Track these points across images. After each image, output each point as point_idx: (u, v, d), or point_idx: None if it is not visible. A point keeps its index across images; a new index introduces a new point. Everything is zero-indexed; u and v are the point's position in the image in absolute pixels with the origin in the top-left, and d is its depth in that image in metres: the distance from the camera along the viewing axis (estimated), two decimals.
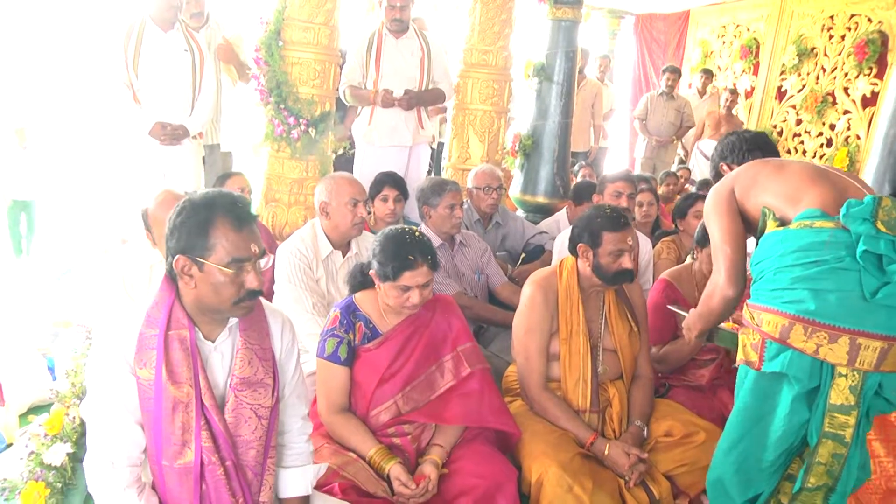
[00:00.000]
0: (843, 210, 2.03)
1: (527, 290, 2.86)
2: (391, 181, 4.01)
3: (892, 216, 1.99)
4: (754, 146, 2.66)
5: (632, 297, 2.96)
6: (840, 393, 2.04)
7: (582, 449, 2.62)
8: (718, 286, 2.35)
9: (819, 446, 2.11)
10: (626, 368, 2.89)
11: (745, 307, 2.25)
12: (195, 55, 4.39)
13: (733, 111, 8.42)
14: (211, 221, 1.73)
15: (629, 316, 2.91)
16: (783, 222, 2.21)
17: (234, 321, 1.89)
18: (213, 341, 1.86)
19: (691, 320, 2.56)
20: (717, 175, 2.75)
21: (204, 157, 5.00)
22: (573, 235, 2.86)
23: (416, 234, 2.44)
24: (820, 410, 2.09)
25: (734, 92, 8.49)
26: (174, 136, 4.34)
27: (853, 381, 2.03)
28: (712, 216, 2.40)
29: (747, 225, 2.40)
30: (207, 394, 1.79)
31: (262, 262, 1.81)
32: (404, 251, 2.37)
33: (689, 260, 3.48)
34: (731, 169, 2.59)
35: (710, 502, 2.40)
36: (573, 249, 2.86)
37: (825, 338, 2.01)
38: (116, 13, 4.51)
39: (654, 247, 4.35)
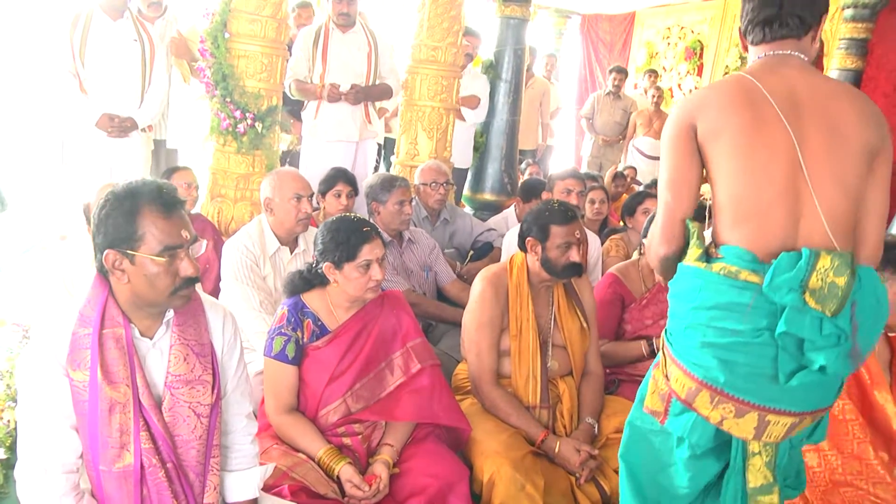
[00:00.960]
0: (768, 276, 1.65)
1: (477, 285, 2.86)
2: (343, 177, 3.98)
3: (827, 282, 1.65)
4: (767, 14, 1.84)
5: (581, 294, 2.97)
6: (757, 473, 1.82)
7: (533, 447, 2.62)
8: (652, 242, 1.93)
9: None
10: (575, 365, 2.90)
11: (661, 346, 1.92)
12: (146, 45, 4.30)
13: (661, 107, 8.52)
14: (137, 211, 1.66)
15: (578, 312, 2.92)
16: (707, 250, 1.82)
17: (170, 315, 1.82)
18: (151, 338, 1.80)
19: None
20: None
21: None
22: (522, 230, 2.87)
23: (352, 215, 2.49)
24: (739, 495, 1.85)
25: (659, 87, 8.60)
26: (122, 128, 4.24)
27: (767, 458, 1.82)
28: (664, 149, 1.90)
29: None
30: (146, 393, 1.73)
31: (195, 247, 1.76)
32: (355, 226, 2.39)
33: (635, 255, 3.52)
34: (744, 43, 1.94)
35: None
36: (522, 244, 2.86)
37: (731, 411, 1.74)
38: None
39: (602, 244, 4.39)
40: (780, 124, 1.73)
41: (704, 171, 1.86)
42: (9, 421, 2.77)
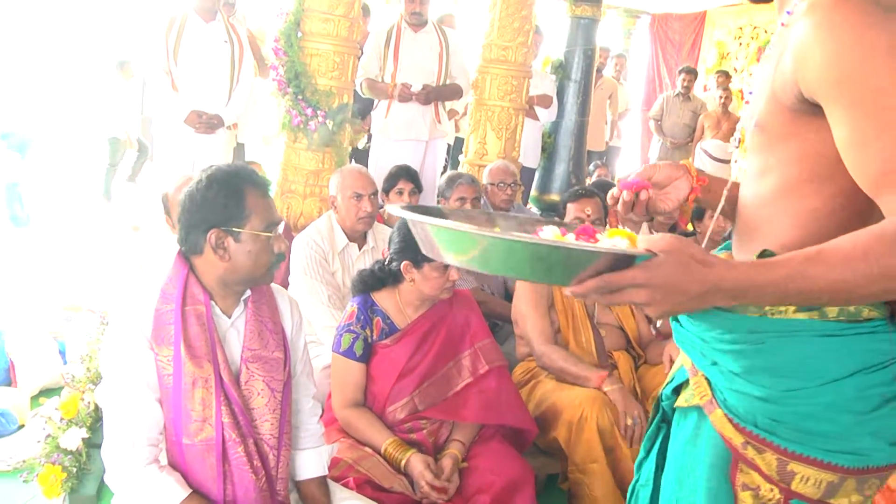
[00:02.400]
0: None
1: None
2: (406, 174, 4.01)
3: None
4: None
5: None
6: None
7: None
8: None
9: None
10: (633, 338, 3.02)
11: (729, 426, 1.28)
12: (235, 46, 4.50)
13: (729, 108, 8.33)
14: (244, 191, 1.77)
15: None
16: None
17: (247, 295, 1.90)
18: (230, 317, 1.87)
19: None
20: None
21: None
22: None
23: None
24: None
25: (727, 89, 8.41)
26: (209, 124, 4.42)
27: None
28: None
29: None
30: (225, 369, 1.79)
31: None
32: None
33: None
34: None
35: None
36: None
37: (876, 484, 1.26)
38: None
39: None
40: None
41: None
42: (89, 402, 2.87)
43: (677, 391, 1.41)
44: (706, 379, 1.31)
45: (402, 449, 2.34)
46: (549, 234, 1.16)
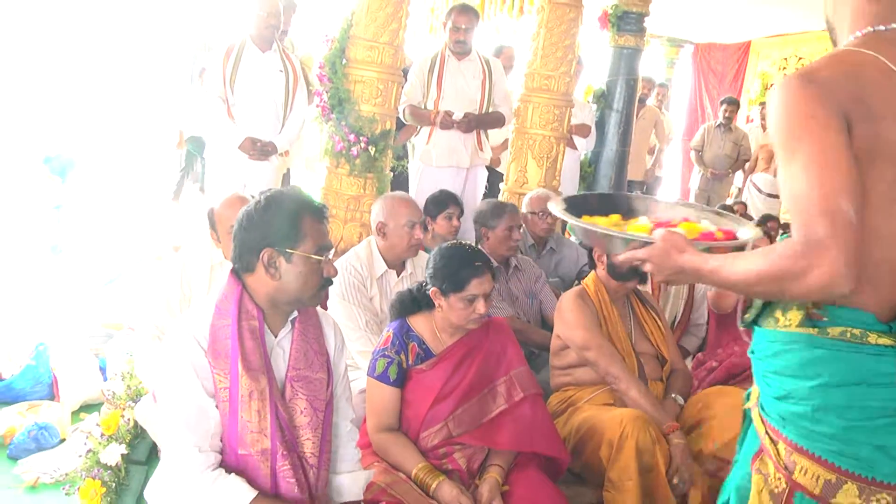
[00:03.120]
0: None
1: (565, 300, 3.03)
2: (454, 199, 4.04)
3: None
4: None
5: (652, 303, 3.18)
6: None
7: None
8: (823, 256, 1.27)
9: None
10: (665, 368, 3.04)
11: (759, 420, 1.57)
12: (289, 75, 4.60)
13: None
14: (301, 214, 1.84)
15: (656, 316, 3.10)
16: (808, 311, 1.46)
17: (294, 315, 1.96)
18: (276, 336, 1.92)
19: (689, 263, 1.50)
20: None
21: None
22: (587, 248, 3.16)
23: (468, 245, 2.53)
24: None
25: None
26: (264, 151, 4.50)
27: None
28: (800, 139, 1.35)
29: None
30: (273, 385, 1.84)
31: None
32: (468, 259, 2.41)
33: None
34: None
35: None
36: (592, 261, 3.11)
37: (888, 502, 1.40)
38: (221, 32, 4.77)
39: None
40: None
41: None
42: (129, 419, 2.92)
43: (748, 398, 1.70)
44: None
45: (432, 475, 2.34)
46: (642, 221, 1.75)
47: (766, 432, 1.53)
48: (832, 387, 1.41)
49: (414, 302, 2.56)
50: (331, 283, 1.92)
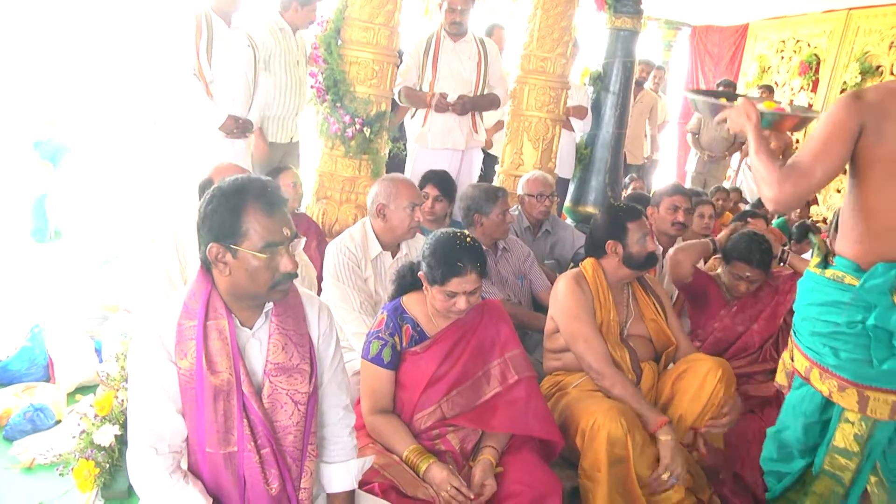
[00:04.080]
0: (863, 277, 2.10)
1: (561, 285, 2.99)
2: (435, 179, 4.03)
3: None
4: None
5: (655, 289, 3.16)
6: (844, 437, 2.22)
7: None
8: (785, 185, 2.08)
9: (817, 480, 2.35)
10: (659, 350, 3.05)
11: (790, 338, 2.46)
12: (256, 52, 4.45)
13: None
14: (242, 208, 1.73)
15: (654, 302, 3.08)
16: (826, 257, 2.29)
17: (270, 307, 1.89)
18: (251, 328, 1.87)
19: (755, 135, 2.24)
20: None
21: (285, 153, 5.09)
22: (597, 238, 3.05)
23: (468, 240, 2.42)
24: (824, 447, 2.29)
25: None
26: (244, 129, 4.38)
27: (859, 430, 2.19)
28: (824, 123, 2.11)
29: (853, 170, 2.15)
30: (246, 381, 1.80)
31: (295, 243, 1.82)
32: (454, 257, 2.36)
33: (719, 270, 3.66)
34: None
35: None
36: (600, 250, 3.02)
37: (835, 385, 2.18)
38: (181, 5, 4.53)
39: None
40: None
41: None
42: (123, 400, 2.92)
43: None
44: None
45: (423, 457, 2.34)
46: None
47: (790, 338, 2.42)
48: (813, 305, 2.25)
49: (413, 277, 2.55)
50: (291, 277, 1.80)
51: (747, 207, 5.96)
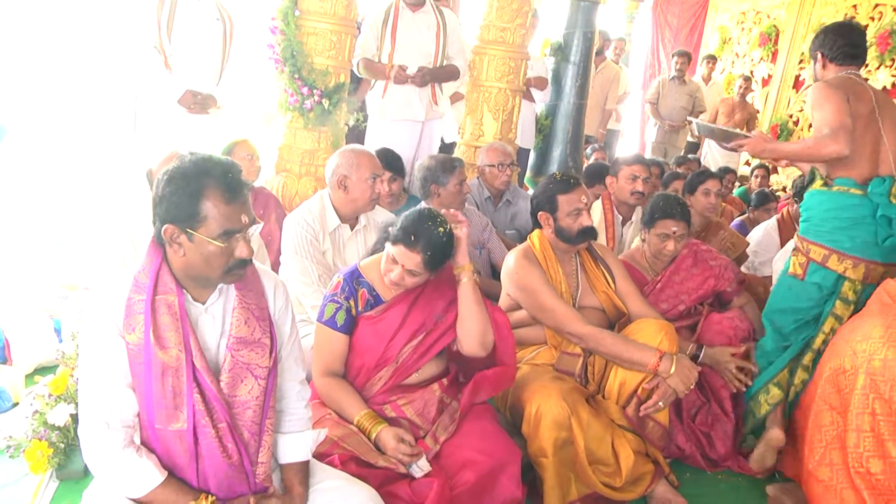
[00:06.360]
0: (870, 187, 3.01)
1: (511, 261, 2.97)
2: (384, 161, 3.99)
3: None
4: (852, 49, 3.18)
5: (605, 257, 3.13)
6: (847, 290, 3.11)
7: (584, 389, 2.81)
8: (831, 143, 2.94)
9: (825, 322, 3.14)
10: (612, 320, 3.05)
11: (797, 237, 3.28)
12: (226, 24, 4.35)
13: (747, 98, 8.36)
14: (202, 192, 1.69)
15: (605, 273, 3.07)
16: (825, 181, 3.16)
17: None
18: (203, 303, 1.85)
19: (772, 147, 3.29)
20: (814, 57, 3.31)
21: None
22: (533, 207, 3.03)
23: (440, 231, 2.35)
24: (832, 303, 3.13)
25: (748, 79, 8.44)
26: (204, 105, 4.30)
27: (852, 297, 3.11)
28: (826, 102, 3.00)
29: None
30: (199, 357, 1.78)
31: (252, 229, 1.80)
32: (412, 229, 2.33)
33: (637, 243, 3.63)
34: (825, 61, 3.23)
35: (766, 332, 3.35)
36: (535, 221, 3.02)
37: (851, 264, 3.05)
38: None
39: None
40: (874, 112, 3.08)
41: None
42: (78, 379, 2.87)
43: None
44: None
45: (374, 422, 2.33)
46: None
47: (798, 240, 3.27)
48: (831, 210, 3.11)
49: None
50: (245, 263, 1.79)
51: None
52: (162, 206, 1.72)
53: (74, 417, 2.68)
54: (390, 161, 4.03)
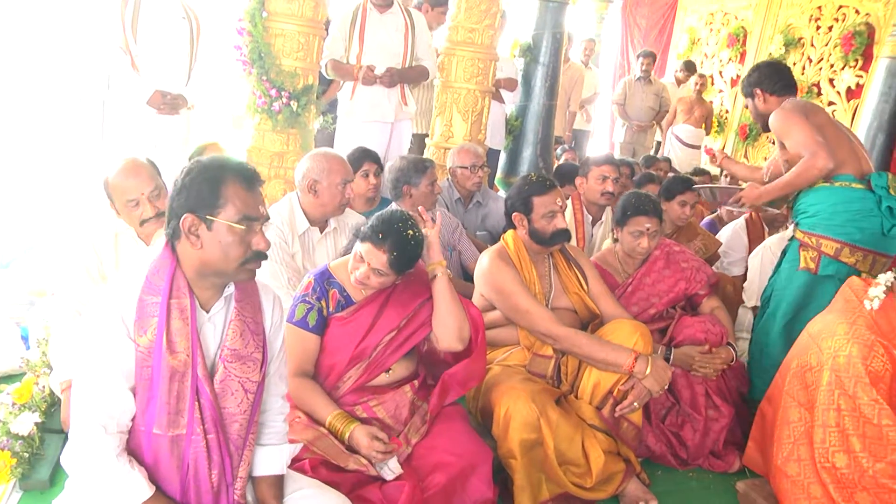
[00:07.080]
0: (873, 180, 3.28)
1: (485, 261, 2.97)
2: (369, 156, 3.98)
3: (894, 184, 3.30)
4: (788, 81, 3.56)
5: (578, 258, 3.13)
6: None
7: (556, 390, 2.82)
8: (817, 161, 3.22)
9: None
10: (584, 321, 3.05)
11: (800, 233, 3.42)
12: (192, 23, 4.28)
13: (703, 95, 8.49)
14: (222, 179, 1.74)
15: (578, 274, 3.07)
16: (825, 178, 3.32)
17: (229, 291, 1.87)
18: (208, 311, 1.84)
19: (764, 189, 3.53)
20: (750, 94, 3.62)
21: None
22: (507, 208, 3.02)
23: (409, 233, 2.35)
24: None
25: (702, 76, 8.57)
26: (174, 105, 4.23)
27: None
28: (794, 126, 3.31)
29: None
30: (201, 364, 1.78)
31: (266, 225, 1.83)
32: (381, 228, 2.34)
33: (608, 243, 3.63)
34: (766, 95, 3.54)
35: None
36: (510, 222, 3.02)
37: (861, 256, 3.26)
38: None
39: None
40: (830, 118, 3.52)
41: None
42: (44, 387, 2.83)
43: None
44: None
45: (346, 421, 2.32)
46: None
47: (804, 236, 3.40)
48: (838, 204, 3.29)
49: None
50: (262, 257, 1.81)
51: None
52: (181, 195, 1.74)
53: (39, 426, 2.64)
54: (374, 156, 4.02)
